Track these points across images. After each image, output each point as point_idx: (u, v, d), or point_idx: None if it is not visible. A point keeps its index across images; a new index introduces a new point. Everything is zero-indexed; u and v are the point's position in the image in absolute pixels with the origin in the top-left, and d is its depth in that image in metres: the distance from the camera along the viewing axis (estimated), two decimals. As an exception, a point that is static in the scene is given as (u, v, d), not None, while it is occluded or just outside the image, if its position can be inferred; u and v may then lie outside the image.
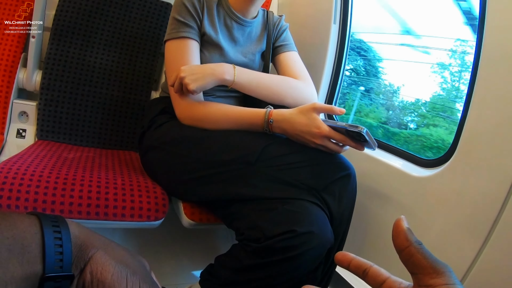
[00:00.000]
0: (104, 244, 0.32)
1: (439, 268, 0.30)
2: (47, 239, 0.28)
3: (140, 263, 0.34)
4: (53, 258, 0.28)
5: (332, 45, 1.26)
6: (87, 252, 0.31)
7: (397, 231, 0.33)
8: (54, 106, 1.20)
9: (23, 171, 0.84)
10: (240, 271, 0.73)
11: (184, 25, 0.94)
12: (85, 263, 0.30)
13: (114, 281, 0.30)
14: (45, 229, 0.28)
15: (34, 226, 0.28)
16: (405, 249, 0.32)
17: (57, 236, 0.28)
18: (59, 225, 0.29)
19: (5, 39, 1.21)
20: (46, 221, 0.29)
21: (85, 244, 0.31)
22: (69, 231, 0.30)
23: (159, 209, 0.87)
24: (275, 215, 0.71)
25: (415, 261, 0.31)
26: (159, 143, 0.91)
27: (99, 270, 0.30)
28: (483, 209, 0.74)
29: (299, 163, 0.78)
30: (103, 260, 0.31)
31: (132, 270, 0.32)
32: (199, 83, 0.84)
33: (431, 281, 0.29)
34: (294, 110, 0.82)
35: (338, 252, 0.39)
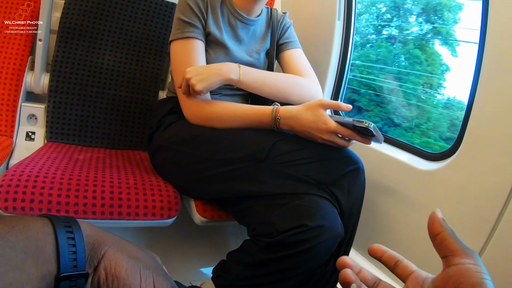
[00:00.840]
0: (116, 241, 0.33)
1: (468, 252, 0.32)
2: (61, 239, 0.28)
3: (152, 258, 0.35)
4: (67, 257, 0.28)
5: (337, 42, 1.27)
6: (100, 249, 0.31)
7: (433, 219, 0.35)
8: (62, 108, 1.21)
9: (36, 173, 0.85)
10: (252, 266, 0.75)
11: (188, 25, 0.95)
12: (99, 261, 0.31)
13: (128, 275, 0.31)
14: (58, 230, 0.29)
15: (47, 228, 0.29)
16: (439, 234, 0.34)
17: (70, 236, 0.29)
18: (71, 225, 0.30)
19: (12, 43, 1.22)
20: (58, 222, 0.30)
21: (98, 242, 0.31)
22: (81, 230, 0.30)
23: (171, 207, 0.89)
24: (286, 210, 0.72)
25: (447, 245, 0.33)
26: (168, 143, 0.92)
27: (112, 266, 0.31)
28: (488, 202, 0.75)
29: (308, 159, 0.79)
30: (116, 256, 0.31)
31: (144, 264, 0.33)
32: (205, 83, 0.85)
33: (460, 260, 0.31)
34: (301, 107, 0.83)
35: (373, 244, 0.43)
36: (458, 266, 0.31)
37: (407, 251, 0.93)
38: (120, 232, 1.25)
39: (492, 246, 0.73)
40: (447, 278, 0.31)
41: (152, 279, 0.32)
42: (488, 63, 0.77)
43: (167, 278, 0.34)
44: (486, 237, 0.74)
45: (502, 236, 0.72)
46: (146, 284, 0.32)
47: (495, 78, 0.76)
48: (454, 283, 0.30)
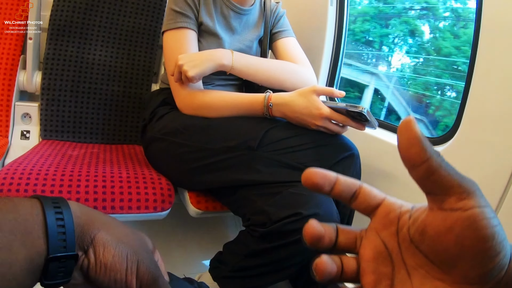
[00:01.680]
0: (106, 224, 0.33)
1: (468, 187, 0.22)
2: (49, 220, 0.28)
3: (141, 241, 0.35)
4: (56, 238, 0.28)
5: (330, 28, 1.25)
6: (90, 232, 0.31)
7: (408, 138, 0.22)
8: (56, 105, 1.20)
9: (29, 171, 0.85)
10: (249, 256, 0.74)
11: (181, 15, 0.94)
12: (88, 245, 0.31)
13: (115, 262, 0.31)
14: (46, 211, 0.28)
15: (35, 209, 0.28)
16: (423, 163, 0.22)
17: (59, 217, 0.29)
18: (60, 206, 0.30)
19: (3, 43, 1.22)
20: (47, 202, 0.29)
21: (87, 224, 0.31)
22: (70, 211, 0.30)
23: (165, 199, 0.88)
24: (280, 199, 0.71)
25: (437, 179, 0.22)
26: (161, 134, 0.91)
27: (101, 252, 0.31)
28: (488, 185, 0.73)
29: (301, 146, 0.78)
30: (104, 241, 0.31)
31: (132, 249, 0.32)
32: (198, 69, 0.84)
33: (459, 203, 0.22)
34: (294, 93, 0.82)
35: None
36: (458, 212, 0.22)
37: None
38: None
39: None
40: (443, 228, 0.22)
41: (137, 266, 0.32)
42: (485, 41, 0.75)
43: (152, 266, 0.34)
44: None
45: (505, 221, 0.70)
46: (131, 271, 0.32)
47: (492, 59, 0.74)
48: (457, 237, 0.22)
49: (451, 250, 0.22)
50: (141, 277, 0.32)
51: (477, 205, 0.22)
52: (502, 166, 0.70)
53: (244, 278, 0.76)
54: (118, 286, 0.31)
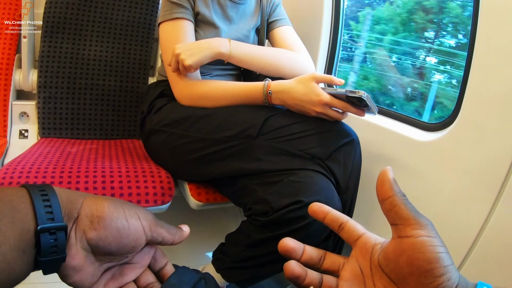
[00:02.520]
0: (92, 195, 0.33)
1: (421, 221, 0.29)
2: (35, 198, 0.29)
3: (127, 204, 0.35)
4: (43, 211, 0.28)
5: (327, 15, 1.23)
6: (77, 202, 0.31)
7: (382, 181, 0.32)
8: (53, 103, 1.20)
9: (28, 169, 0.84)
10: (251, 246, 0.74)
11: (177, 6, 0.93)
12: (78, 211, 0.31)
13: (111, 211, 0.31)
14: (31, 191, 0.29)
15: (21, 191, 0.29)
16: (388, 198, 0.31)
17: (44, 193, 0.29)
18: (44, 188, 0.30)
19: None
20: (32, 186, 0.30)
21: (72, 197, 0.31)
22: (55, 192, 0.30)
23: (165, 192, 0.88)
24: (280, 187, 0.71)
25: (398, 211, 0.30)
26: (160, 126, 0.91)
27: (93, 209, 0.31)
28: (490, 170, 0.72)
29: (301, 133, 0.77)
30: (93, 200, 0.32)
31: (125, 204, 0.33)
32: (195, 57, 0.83)
33: (413, 231, 0.29)
34: (293, 80, 0.81)
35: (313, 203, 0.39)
36: (411, 239, 0.28)
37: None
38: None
39: (497, 215, 0.72)
40: (399, 252, 0.29)
41: (135, 211, 0.33)
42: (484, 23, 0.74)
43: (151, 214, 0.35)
44: (490, 206, 0.72)
45: (507, 204, 0.70)
46: (130, 215, 0.32)
47: (491, 44, 0.72)
48: (408, 258, 0.28)
49: (404, 269, 0.28)
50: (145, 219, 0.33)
51: (426, 234, 0.28)
52: (503, 151, 0.70)
53: (247, 268, 0.76)
54: (124, 234, 0.32)
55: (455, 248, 0.78)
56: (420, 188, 0.88)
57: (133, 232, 0.32)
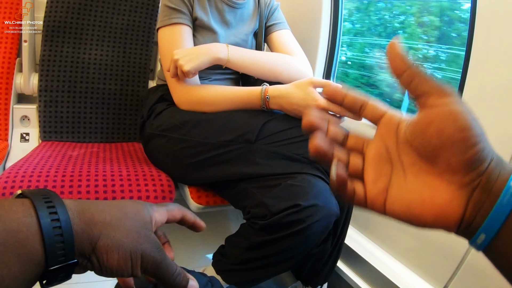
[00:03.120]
0: (105, 226, 0.32)
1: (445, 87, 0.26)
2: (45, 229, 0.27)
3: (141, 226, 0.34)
4: (55, 248, 0.27)
5: (325, 18, 1.24)
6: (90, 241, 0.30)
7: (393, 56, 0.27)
8: (54, 106, 1.21)
9: (30, 173, 0.85)
10: (250, 249, 0.75)
11: (175, 11, 0.94)
12: (90, 253, 0.30)
13: (120, 265, 0.31)
14: (41, 219, 0.27)
15: (29, 217, 0.27)
16: (404, 71, 0.27)
17: (56, 226, 0.27)
18: (57, 211, 0.28)
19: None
20: (42, 207, 0.27)
21: (87, 232, 0.30)
22: (68, 217, 0.28)
23: (165, 196, 0.89)
24: (279, 191, 0.72)
25: (419, 82, 0.27)
26: (160, 131, 0.92)
27: (105, 259, 0.31)
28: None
29: (299, 137, 0.78)
30: (106, 248, 0.31)
31: (134, 244, 0.32)
32: (194, 63, 0.84)
33: (439, 100, 0.25)
34: (291, 85, 0.82)
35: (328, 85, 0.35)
36: (438, 108, 0.25)
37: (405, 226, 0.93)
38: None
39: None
40: (427, 123, 0.26)
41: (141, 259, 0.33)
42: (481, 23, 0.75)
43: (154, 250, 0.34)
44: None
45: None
46: (136, 266, 0.32)
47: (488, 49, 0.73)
48: (437, 128, 0.25)
49: (434, 141, 0.25)
50: (145, 266, 0.33)
51: (454, 101, 0.25)
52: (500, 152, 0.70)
53: (247, 270, 0.77)
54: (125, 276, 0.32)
55: (453, 248, 0.79)
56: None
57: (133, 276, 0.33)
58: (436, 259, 0.85)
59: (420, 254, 0.89)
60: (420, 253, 0.89)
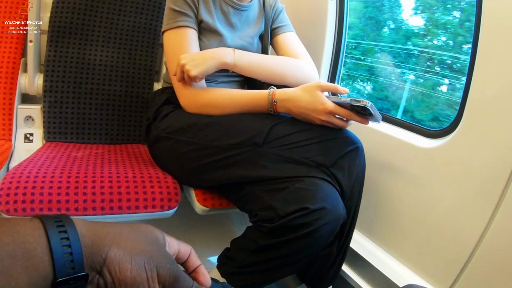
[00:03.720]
0: (115, 237, 0.31)
1: None
2: (53, 241, 0.26)
3: (153, 242, 0.34)
4: (63, 260, 0.26)
5: (331, 21, 1.24)
6: (100, 252, 0.30)
7: None
8: (58, 107, 1.21)
9: (35, 174, 0.85)
10: (257, 252, 0.74)
11: (181, 14, 0.94)
12: (101, 265, 0.30)
13: (134, 277, 0.30)
14: (49, 231, 0.27)
15: (37, 230, 0.27)
16: None
17: (64, 237, 0.27)
18: (64, 224, 0.28)
19: (3, 46, 1.21)
20: (50, 222, 0.28)
21: (96, 243, 0.30)
22: (75, 230, 0.28)
23: (171, 198, 0.88)
24: (286, 194, 0.72)
25: None
26: (166, 133, 0.92)
27: (117, 270, 0.30)
28: (492, 177, 0.74)
29: (307, 141, 0.78)
30: (118, 258, 0.30)
31: (148, 256, 0.31)
32: (201, 68, 0.84)
33: None
34: (298, 89, 0.82)
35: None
36: None
37: (410, 230, 0.93)
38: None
39: (497, 221, 0.73)
40: None
41: (156, 272, 0.31)
42: (486, 30, 0.75)
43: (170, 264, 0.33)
44: (491, 212, 0.73)
45: (508, 211, 0.71)
46: (152, 279, 0.31)
47: (494, 52, 0.74)
48: None
49: None
50: (163, 280, 0.32)
51: None
52: (504, 157, 0.71)
53: (252, 273, 0.77)
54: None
55: (457, 253, 0.79)
56: (423, 194, 0.89)
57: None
58: (440, 262, 0.85)
59: (424, 257, 0.89)
60: (424, 256, 0.89)
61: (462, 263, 0.78)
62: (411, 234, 0.93)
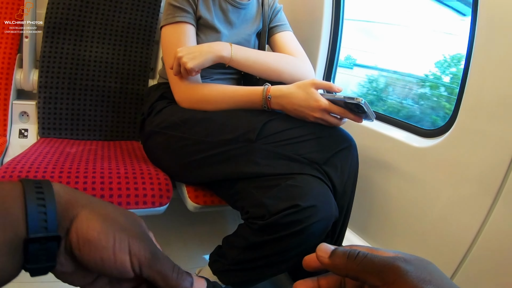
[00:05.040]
0: (90, 202, 0.30)
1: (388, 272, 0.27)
2: (29, 201, 0.26)
3: (133, 221, 0.32)
4: (37, 219, 0.26)
5: (327, 20, 1.24)
6: (72, 211, 0.29)
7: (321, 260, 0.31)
8: (53, 103, 1.20)
9: (27, 168, 0.85)
10: (248, 249, 0.74)
11: (179, 10, 0.94)
12: (71, 222, 0.29)
13: (100, 239, 0.28)
14: (27, 192, 0.27)
15: (15, 191, 0.27)
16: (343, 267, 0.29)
17: (40, 197, 0.27)
18: (42, 186, 0.28)
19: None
20: (29, 184, 0.28)
21: (70, 203, 0.29)
22: (52, 191, 0.28)
23: (163, 194, 0.88)
24: (278, 191, 0.71)
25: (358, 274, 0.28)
26: (160, 128, 0.92)
27: (84, 228, 0.28)
28: (486, 176, 0.73)
29: (300, 138, 0.78)
30: (88, 217, 0.29)
31: (120, 226, 0.30)
32: (197, 61, 0.84)
33: None
34: (292, 86, 0.82)
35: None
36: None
37: (403, 229, 0.93)
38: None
39: (493, 221, 0.72)
40: None
41: (128, 243, 0.29)
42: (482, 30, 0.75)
43: (147, 243, 0.31)
44: (486, 212, 0.73)
45: (503, 209, 0.71)
46: (120, 248, 0.29)
47: (489, 51, 0.73)
48: None
49: None
50: (138, 255, 0.29)
51: None
52: (500, 157, 0.71)
53: (244, 270, 0.76)
54: (107, 265, 0.28)
55: (451, 253, 0.79)
56: (417, 194, 0.89)
57: (119, 267, 0.29)
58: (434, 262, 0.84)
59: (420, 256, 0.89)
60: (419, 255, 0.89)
61: (456, 263, 0.78)
62: (405, 234, 0.92)
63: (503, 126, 0.71)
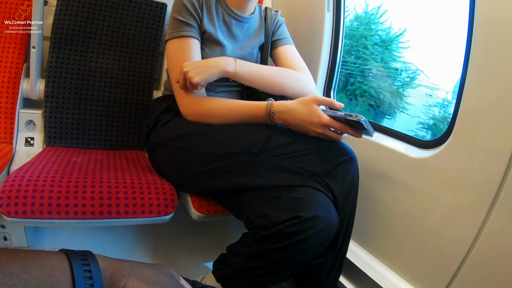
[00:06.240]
0: (133, 270, 0.33)
1: None
2: (76, 273, 0.28)
3: (169, 276, 0.35)
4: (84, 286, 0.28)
5: (327, 33, 1.27)
6: (119, 282, 0.31)
7: None
8: (59, 112, 1.23)
9: (35, 178, 0.86)
10: (251, 257, 0.76)
11: (184, 24, 0.97)
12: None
13: None
14: (73, 264, 0.29)
15: (62, 263, 0.29)
16: None
17: (86, 269, 0.29)
18: (87, 258, 0.30)
19: (6, 51, 1.23)
20: (74, 256, 0.30)
21: (115, 275, 0.32)
22: (98, 263, 0.30)
23: (168, 204, 0.90)
24: (281, 203, 0.74)
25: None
26: (166, 140, 0.94)
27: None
28: (483, 186, 0.75)
29: (302, 151, 0.81)
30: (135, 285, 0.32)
31: (164, 286, 0.33)
32: (203, 75, 0.86)
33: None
34: (295, 102, 0.85)
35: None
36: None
37: (403, 239, 0.94)
38: (122, 230, 1.27)
39: (487, 232, 0.74)
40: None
41: None
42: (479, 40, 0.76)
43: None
44: (481, 223, 0.75)
45: (499, 219, 0.72)
46: None
47: (485, 63, 0.75)
48: None
49: None
50: None
51: None
52: (495, 166, 0.72)
53: (247, 278, 0.78)
54: None
55: (449, 260, 0.80)
56: (415, 204, 0.91)
57: None
58: (431, 271, 0.86)
59: (416, 266, 0.90)
60: (416, 265, 0.90)
61: (453, 270, 0.79)
62: (404, 244, 0.94)
63: (498, 136, 0.72)
